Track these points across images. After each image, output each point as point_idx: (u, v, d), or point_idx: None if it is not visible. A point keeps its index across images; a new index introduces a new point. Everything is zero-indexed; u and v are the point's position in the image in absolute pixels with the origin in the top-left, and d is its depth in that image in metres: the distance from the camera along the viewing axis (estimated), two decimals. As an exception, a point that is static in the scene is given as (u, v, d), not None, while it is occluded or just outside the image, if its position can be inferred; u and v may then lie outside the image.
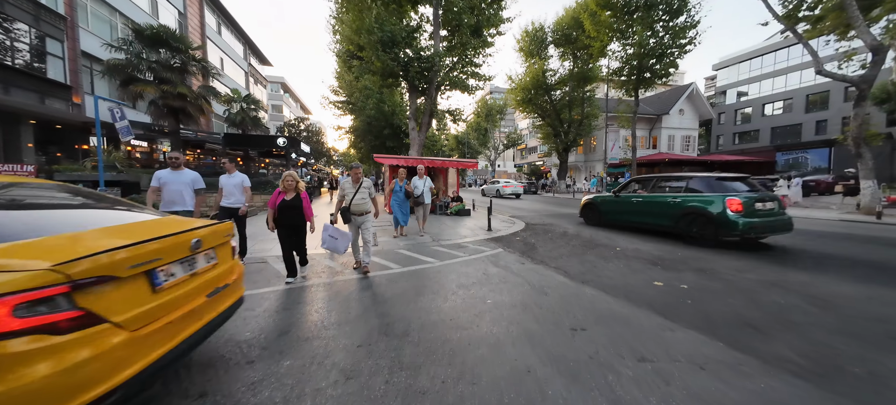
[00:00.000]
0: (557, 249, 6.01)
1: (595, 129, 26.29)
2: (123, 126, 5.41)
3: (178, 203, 4.28)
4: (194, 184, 4.45)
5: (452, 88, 14.32)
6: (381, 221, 9.39)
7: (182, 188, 4.31)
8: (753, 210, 5.64)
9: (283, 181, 4.04)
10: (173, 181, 4.28)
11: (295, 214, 3.99)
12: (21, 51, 11.98)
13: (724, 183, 6.09)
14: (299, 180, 4.10)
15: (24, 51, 12.06)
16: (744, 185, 6.08)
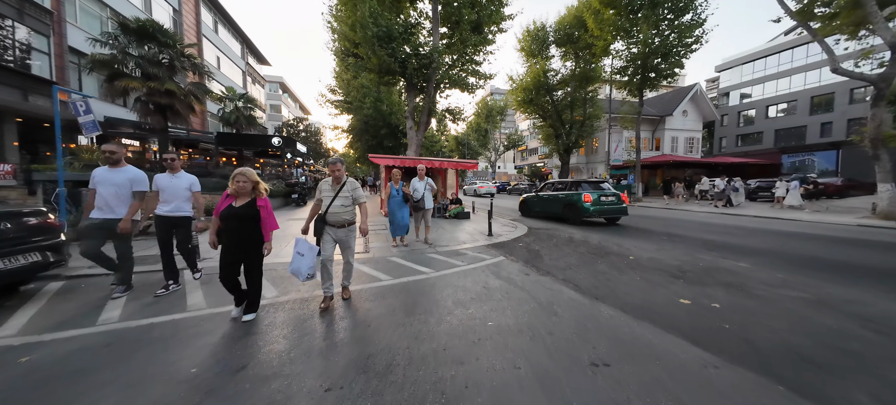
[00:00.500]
0: (565, 258, 5.50)
1: (597, 130, 25.82)
2: (88, 121, 4.91)
3: (105, 209, 3.49)
4: (133, 184, 3.59)
5: (452, 87, 13.84)
6: (375, 224, 8.89)
7: (115, 190, 3.49)
8: (598, 201, 8.97)
9: (233, 180, 2.85)
10: (106, 181, 3.48)
11: (246, 228, 2.84)
12: (3, 46, 11.49)
13: (584, 185, 9.44)
14: (258, 181, 2.98)
15: (7, 46, 11.57)
16: (594, 188, 9.27)
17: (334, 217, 3.32)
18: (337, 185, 3.37)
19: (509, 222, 9.83)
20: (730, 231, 8.34)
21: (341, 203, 3.33)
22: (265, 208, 2.97)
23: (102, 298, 3.67)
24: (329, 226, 3.33)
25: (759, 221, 10.30)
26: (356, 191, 3.42)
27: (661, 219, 10.99)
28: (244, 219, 2.86)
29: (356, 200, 3.43)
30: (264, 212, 2.96)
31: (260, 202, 2.95)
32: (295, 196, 14.15)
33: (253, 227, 2.90)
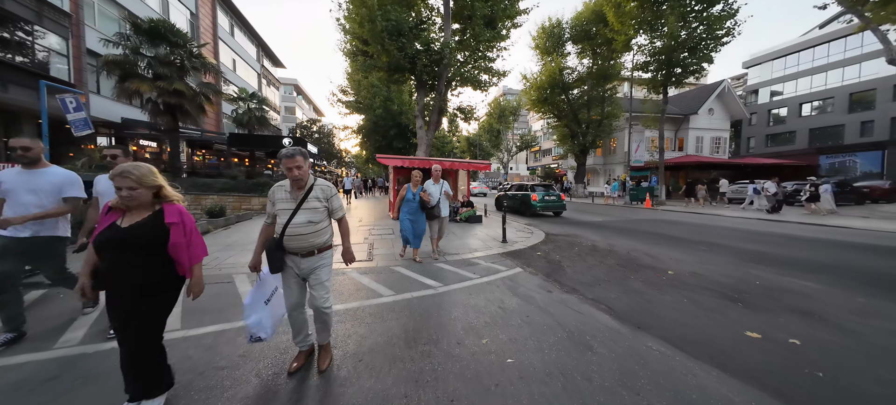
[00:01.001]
0: (590, 271, 4.85)
1: (616, 129, 24.70)
2: (78, 119, 4.63)
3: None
4: (61, 191, 2.65)
5: (464, 85, 13.31)
6: (383, 228, 8.42)
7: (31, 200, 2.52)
8: (542, 199, 11.91)
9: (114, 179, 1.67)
10: (17, 188, 2.50)
11: (136, 263, 1.67)
12: (23, 48, 11.70)
13: (536, 188, 12.46)
14: (161, 183, 1.79)
15: (27, 48, 11.78)
16: (543, 190, 12.37)
17: (296, 241, 2.14)
18: (299, 192, 2.19)
19: (524, 227, 9.19)
20: (774, 240, 7.43)
21: (307, 219, 2.16)
22: (180, 225, 1.75)
23: (75, 311, 3.31)
24: (290, 253, 2.19)
25: (800, 228, 9.27)
26: (331, 200, 2.30)
27: (691, 225, 10.09)
28: (133, 248, 1.64)
29: (332, 213, 2.33)
30: (177, 231, 1.73)
31: (170, 216, 1.74)
32: (303, 197, 13.91)
33: (151, 262, 1.68)
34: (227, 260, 5.33)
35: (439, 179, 5.49)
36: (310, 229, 2.19)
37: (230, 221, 8.69)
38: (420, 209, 5.18)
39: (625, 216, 12.69)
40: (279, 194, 2.23)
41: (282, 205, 2.20)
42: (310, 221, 2.18)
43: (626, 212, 14.23)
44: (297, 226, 2.15)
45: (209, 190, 11.86)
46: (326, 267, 2.33)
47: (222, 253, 5.80)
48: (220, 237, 7.05)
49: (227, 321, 3.07)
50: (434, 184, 5.42)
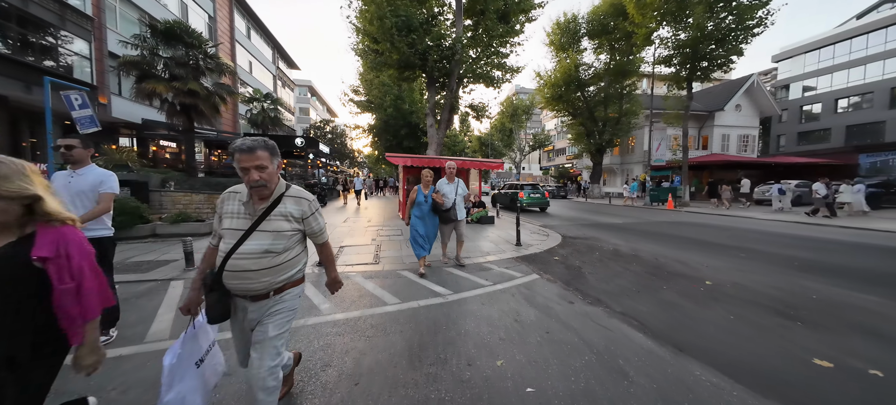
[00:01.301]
0: (615, 279, 4.41)
1: (635, 128, 23.72)
2: (84, 116, 4.57)
3: None
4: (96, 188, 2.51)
5: (476, 81, 12.94)
6: (392, 229, 8.17)
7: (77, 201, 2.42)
8: (529, 196, 13.88)
9: None
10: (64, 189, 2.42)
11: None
12: (47, 50, 12.11)
13: (523, 186, 14.53)
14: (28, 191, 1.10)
15: (51, 50, 12.19)
16: (530, 189, 14.30)
17: (240, 280, 1.45)
18: (259, 204, 1.49)
19: (539, 229, 8.75)
20: (814, 245, 6.74)
21: (264, 247, 1.46)
22: (59, 261, 1.12)
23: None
24: (237, 296, 1.53)
25: (840, 232, 8.44)
26: (310, 220, 1.60)
27: (721, 228, 9.39)
28: None
29: (313, 236, 1.67)
30: (56, 271, 1.11)
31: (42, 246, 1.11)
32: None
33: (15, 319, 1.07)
34: (230, 261, 5.17)
35: (454, 178, 4.75)
36: (266, 263, 1.45)
37: (239, 220, 8.64)
38: (432, 212, 4.56)
39: (646, 218, 12.02)
40: (230, 205, 1.52)
41: (230, 223, 1.47)
42: (268, 250, 1.45)
43: (646, 214, 13.52)
44: (247, 256, 1.42)
45: (221, 189, 11.92)
46: (284, 314, 1.54)
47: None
48: (228, 237, 6.97)
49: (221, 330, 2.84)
50: (448, 183, 4.67)
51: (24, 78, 10.99)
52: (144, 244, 6.35)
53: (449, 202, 4.59)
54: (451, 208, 4.62)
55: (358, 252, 5.86)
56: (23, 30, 11.22)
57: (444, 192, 4.61)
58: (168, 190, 11.54)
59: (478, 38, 12.42)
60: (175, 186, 11.73)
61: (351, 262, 5.17)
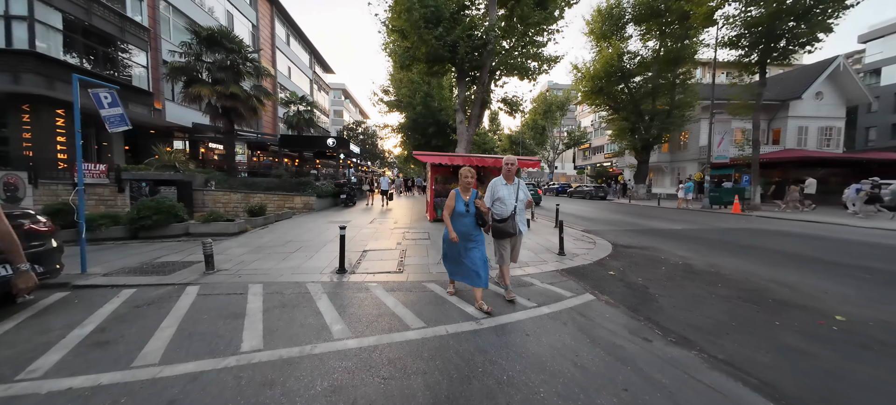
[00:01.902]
0: (699, 305, 3.44)
1: (689, 121, 21.17)
2: (114, 115, 4.54)
3: None
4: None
5: (509, 74, 12.05)
6: (418, 231, 7.63)
7: None
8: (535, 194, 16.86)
9: None
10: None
11: None
12: (109, 60, 13.21)
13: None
14: None
15: (112, 60, 13.29)
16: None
17: None
18: None
19: (583, 236, 7.73)
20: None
21: None
22: None
23: (69, 325, 2.94)
24: None
25: None
26: None
27: (814, 238, 7.69)
28: None
29: None
30: None
31: None
32: (343, 196, 13.85)
33: None
34: (249, 265, 4.91)
35: (514, 178, 3.47)
36: None
37: (269, 220, 8.64)
38: (478, 226, 3.27)
39: (710, 224, 10.37)
40: None
41: None
42: None
43: (708, 219, 11.75)
44: None
45: (257, 188, 12.24)
46: None
47: (249, 256, 5.44)
48: (254, 237, 6.86)
49: (215, 355, 2.41)
50: (506, 184, 3.41)
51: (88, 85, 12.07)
52: (177, 243, 6.41)
53: (508, 210, 3.34)
54: (510, 218, 3.33)
55: (381, 258, 5.37)
56: (87, 42, 12.32)
57: (501, 196, 3.37)
58: (209, 189, 12.07)
59: (512, 26, 11.54)
60: (215, 186, 12.27)
61: (372, 270, 4.67)
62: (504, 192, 3.40)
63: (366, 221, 9.39)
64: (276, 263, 4.98)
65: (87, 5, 12.15)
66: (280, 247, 6.08)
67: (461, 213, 3.25)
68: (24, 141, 11.20)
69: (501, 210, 3.40)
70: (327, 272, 4.56)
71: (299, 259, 5.26)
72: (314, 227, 8.29)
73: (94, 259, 5.22)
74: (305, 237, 7.03)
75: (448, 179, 10.23)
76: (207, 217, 6.87)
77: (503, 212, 3.38)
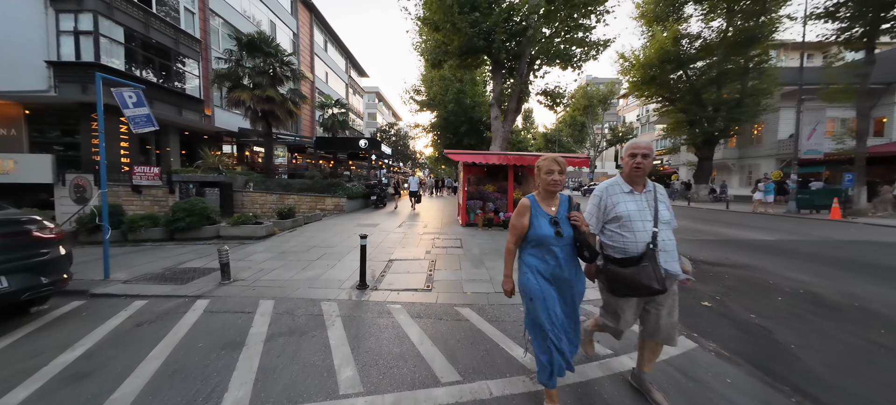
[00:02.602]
0: (866, 364, 2.29)
1: (765, 110, 18.12)
2: (139, 115, 4.39)
3: None
4: None
5: (550, 63, 10.90)
6: (449, 237, 6.89)
7: None
8: None
9: None
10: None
11: None
12: (164, 70, 14.20)
13: None
14: None
15: (167, 69, 14.27)
16: None
17: None
18: None
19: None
20: None
21: None
22: None
23: (63, 345, 2.63)
24: None
25: None
26: None
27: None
28: None
29: None
30: None
31: None
32: (374, 198, 13.59)
33: None
34: (268, 274, 4.51)
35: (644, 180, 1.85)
36: None
37: (297, 222, 8.44)
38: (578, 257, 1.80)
39: (808, 232, 8.41)
40: None
41: None
42: None
43: (800, 226, 9.63)
44: None
45: (291, 190, 12.36)
46: None
47: (270, 263, 5.09)
48: (281, 241, 6.60)
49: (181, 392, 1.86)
50: (632, 192, 1.81)
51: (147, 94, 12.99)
52: (207, 245, 6.32)
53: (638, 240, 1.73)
54: (646, 258, 1.68)
55: (408, 270, 4.72)
56: (146, 53, 13.31)
57: (624, 214, 1.77)
58: (248, 190, 12.43)
59: (555, 10, 10.38)
60: (253, 187, 12.62)
61: (397, 286, 4.02)
62: (629, 207, 1.76)
63: (394, 225, 8.89)
64: (296, 273, 4.54)
65: (146, 19, 13.12)
66: (303, 253, 5.70)
67: (545, 238, 1.69)
68: (93, 146, 12.32)
69: (623, 240, 1.74)
70: (347, 287, 4.00)
71: (320, 268, 4.78)
72: (342, 231, 7.93)
73: (123, 262, 5.18)
74: (331, 241, 6.63)
75: (481, 180, 9.40)
76: (236, 220, 6.78)
77: (628, 245, 1.73)
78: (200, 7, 16.27)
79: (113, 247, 6.37)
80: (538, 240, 1.72)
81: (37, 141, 12.85)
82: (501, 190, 9.03)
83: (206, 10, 16.75)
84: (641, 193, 1.81)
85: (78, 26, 11.48)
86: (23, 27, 11.23)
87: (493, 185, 9.18)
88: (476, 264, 5.01)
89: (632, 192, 1.81)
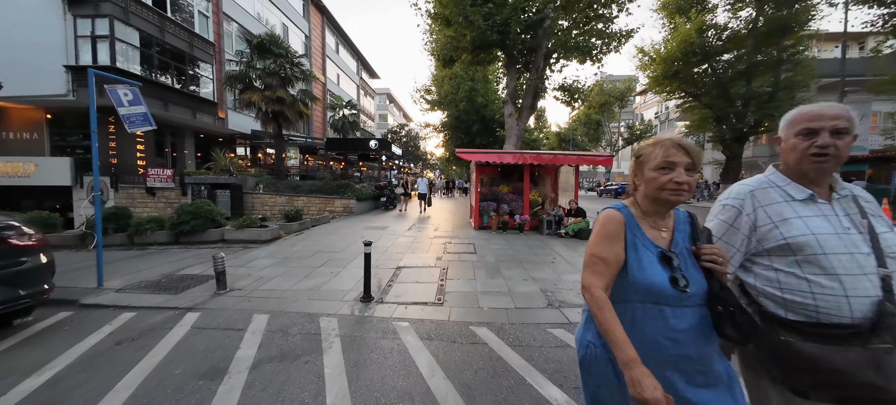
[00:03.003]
0: None
1: (800, 103, 16.86)
2: (134, 114, 4.16)
3: None
4: None
5: (568, 57, 10.32)
6: (461, 244, 6.48)
7: None
8: None
9: None
10: None
11: None
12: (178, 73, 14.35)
13: None
14: None
15: (181, 73, 14.42)
16: None
17: None
18: None
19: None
20: None
21: None
22: None
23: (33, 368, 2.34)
24: None
25: None
26: None
27: None
28: None
29: None
30: None
31: None
32: (383, 199, 13.30)
33: None
34: (267, 283, 4.20)
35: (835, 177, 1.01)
36: None
37: (305, 225, 8.19)
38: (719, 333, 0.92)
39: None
40: None
41: None
42: None
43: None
44: None
45: (301, 191, 12.21)
46: None
47: (271, 269, 4.79)
48: (286, 245, 6.33)
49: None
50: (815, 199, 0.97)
51: (161, 97, 13.15)
52: (211, 249, 6.11)
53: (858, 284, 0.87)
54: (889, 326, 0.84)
55: (417, 279, 4.32)
56: (162, 57, 13.47)
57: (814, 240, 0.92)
58: (258, 192, 12.36)
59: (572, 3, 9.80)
60: (263, 189, 12.54)
61: (405, 298, 3.63)
62: (815, 227, 0.94)
63: (403, 228, 8.52)
64: (296, 282, 4.21)
65: (161, 24, 13.27)
66: (307, 258, 5.39)
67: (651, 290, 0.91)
68: (111, 149, 12.52)
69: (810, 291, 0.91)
70: (350, 298, 3.63)
71: (323, 276, 4.44)
72: (349, 234, 7.62)
73: (121, 268, 4.98)
74: (337, 245, 6.31)
75: (495, 180, 8.93)
76: (241, 223, 6.56)
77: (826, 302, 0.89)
78: (214, 11, 16.44)
79: (118, 251, 6.26)
80: (641, 289, 0.92)
81: (58, 144, 13.20)
82: (516, 191, 8.54)
83: (219, 14, 16.93)
84: (832, 201, 0.98)
85: (95, 31, 11.68)
86: (43, 33, 11.50)
87: (508, 185, 8.70)
88: (492, 273, 4.56)
89: (813, 198, 0.98)
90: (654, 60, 19.21)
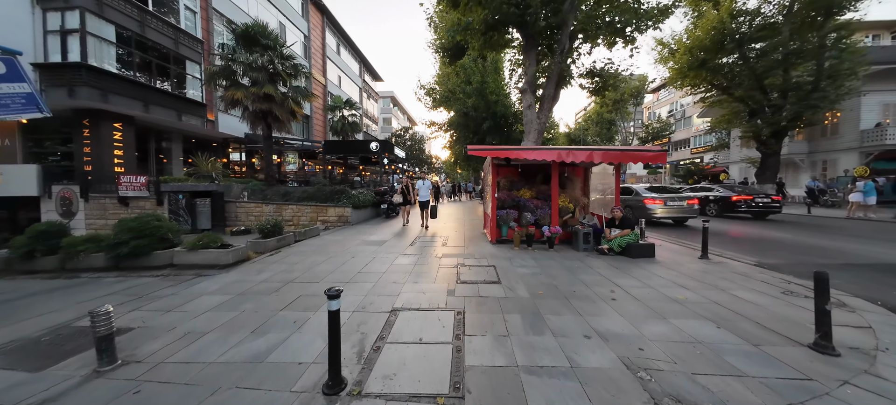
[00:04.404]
0: None
1: (848, 94, 15.06)
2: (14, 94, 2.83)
3: None
4: None
5: (594, 39, 8.83)
6: (478, 269, 4.96)
7: None
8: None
9: None
10: None
11: None
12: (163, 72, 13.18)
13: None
14: None
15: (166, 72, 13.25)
16: None
17: None
18: None
19: (797, 285, 4.29)
20: None
21: None
22: None
23: None
24: None
25: None
26: None
27: None
28: None
29: None
30: None
31: None
32: (384, 206, 11.87)
33: None
34: (186, 348, 2.74)
35: None
36: None
37: (285, 241, 6.72)
38: None
39: None
40: None
41: None
42: None
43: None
44: None
45: (291, 199, 10.84)
46: None
47: (208, 319, 3.32)
48: (251, 272, 4.88)
49: None
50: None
51: (142, 97, 11.95)
52: (154, 279, 4.71)
53: None
54: None
55: (420, 335, 2.83)
56: (144, 54, 12.32)
57: None
58: (242, 200, 11.02)
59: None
60: (248, 197, 11.21)
61: (399, 387, 2.14)
62: None
63: (404, 244, 7.03)
64: (236, 344, 2.75)
65: (141, 18, 12.13)
66: (271, 295, 3.94)
67: None
68: (85, 155, 11.34)
69: None
70: (309, 382, 2.17)
71: (281, 330, 2.98)
72: (338, 252, 6.17)
73: (8, 312, 3.58)
74: (318, 271, 4.87)
75: (514, 184, 7.42)
76: (194, 243, 5.13)
77: None
78: (202, 6, 15.34)
79: (43, 280, 4.88)
80: None
81: (32, 151, 12.09)
82: (542, 196, 7.02)
83: (209, 10, 15.85)
84: None
85: (64, 25, 10.54)
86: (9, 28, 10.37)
87: (530, 189, 7.19)
88: (532, 323, 3.06)
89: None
90: (678, 51, 17.64)
